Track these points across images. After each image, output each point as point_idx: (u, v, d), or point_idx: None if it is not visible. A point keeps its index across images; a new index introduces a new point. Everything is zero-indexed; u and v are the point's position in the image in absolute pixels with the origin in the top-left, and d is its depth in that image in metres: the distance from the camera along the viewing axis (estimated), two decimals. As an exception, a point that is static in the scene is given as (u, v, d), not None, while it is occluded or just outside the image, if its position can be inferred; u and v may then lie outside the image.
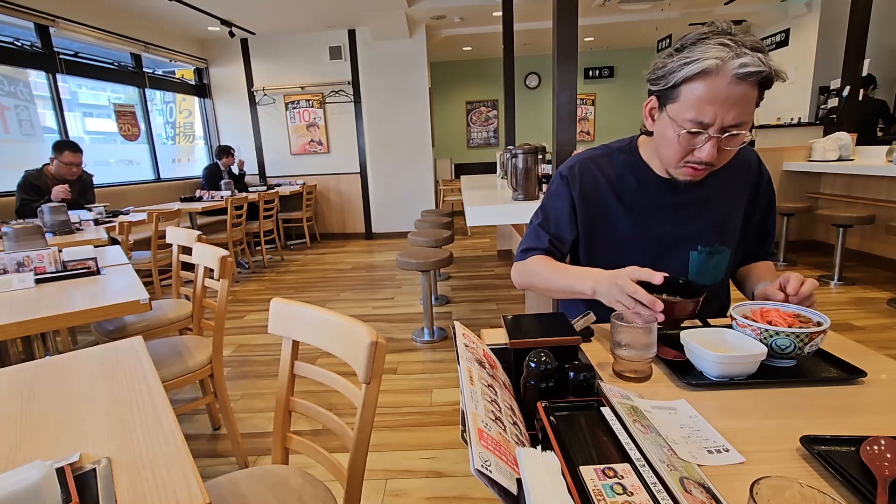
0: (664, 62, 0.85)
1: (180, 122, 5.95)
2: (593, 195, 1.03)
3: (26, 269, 1.56)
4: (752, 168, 1.03)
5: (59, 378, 0.86)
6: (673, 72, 0.82)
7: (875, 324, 2.76)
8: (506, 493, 0.44)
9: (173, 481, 0.57)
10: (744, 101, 0.79)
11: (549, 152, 2.62)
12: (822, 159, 3.85)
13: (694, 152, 0.85)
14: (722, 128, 0.81)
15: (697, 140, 0.84)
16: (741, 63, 0.76)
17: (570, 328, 0.73)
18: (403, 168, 6.05)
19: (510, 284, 3.86)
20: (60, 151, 3.16)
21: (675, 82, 0.82)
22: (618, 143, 1.07)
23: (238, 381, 2.41)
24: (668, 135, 0.87)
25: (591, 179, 1.04)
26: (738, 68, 0.76)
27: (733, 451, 0.56)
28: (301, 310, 0.93)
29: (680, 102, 0.83)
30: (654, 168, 1.00)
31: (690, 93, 0.81)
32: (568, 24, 1.83)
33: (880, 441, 0.52)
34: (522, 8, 4.77)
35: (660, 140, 0.91)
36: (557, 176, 1.08)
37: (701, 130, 0.82)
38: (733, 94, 0.78)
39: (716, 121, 0.80)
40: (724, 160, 0.87)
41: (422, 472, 1.67)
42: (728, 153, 0.86)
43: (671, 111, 0.85)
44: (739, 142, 0.83)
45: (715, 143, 0.82)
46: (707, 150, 0.83)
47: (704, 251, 1.01)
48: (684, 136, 0.84)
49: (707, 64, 0.77)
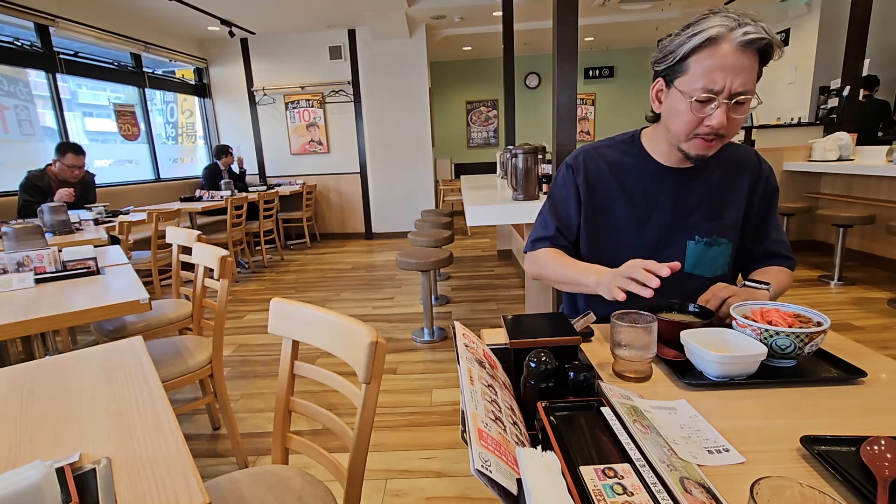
0: (670, 40, 0.90)
1: (182, 123, 5.95)
2: (597, 182, 1.07)
3: (26, 269, 1.56)
4: (751, 164, 1.06)
5: (59, 378, 0.86)
6: (681, 44, 0.87)
7: (875, 324, 2.76)
8: (506, 493, 0.44)
9: (173, 481, 0.57)
10: (749, 69, 0.83)
11: (549, 152, 2.62)
12: (822, 159, 3.85)
13: (704, 121, 0.88)
14: (730, 94, 0.84)
15: (708, 108, 0.87)
16: (744, 31, 0.81)
17: (570, 328, 0.73)
18: (403, 168, 6.05)
19: (510, 284, 3.86)
20: (63, 153, 3.16)
21: (682, 55, 0.87)
22: (621, 136, 1.11)
23: (238, 381, 2.41)
24: (679, 107, 0.90)
25: (594, 167, 1.08)
26: (741, 36, 0.81)
27: (733, 451, 0.56)
28: (301, 310, 0.93)
29: (689, 74, 0.87)
30: (655, 157, 1.04)
31: (698, 63, 0.85)
32: (568, 24, 1.83)
33: (880, 441, 0.52)
34: (522, 8, 4.77)
35: (669, 117, 0.94)
36: (563, 166, 1.12)
37: (712, 96, 0.85)
38: (739, 61, 0.82)
39: (725, 87, 0.84)
40: (733, 131, 0.90)
41: (422, 472, 1.67)
42: (736, 123, 0.89)
43: (680, 84, 0.89)
44: (746, 110, 0.87)
45: (725, 110, 0.85)
46: (718, 116, 0.86)
47: (702, 241, 1.03)
48: (695, 105, 0.87)
49: (713, 32, 0.82)
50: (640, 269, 0.78)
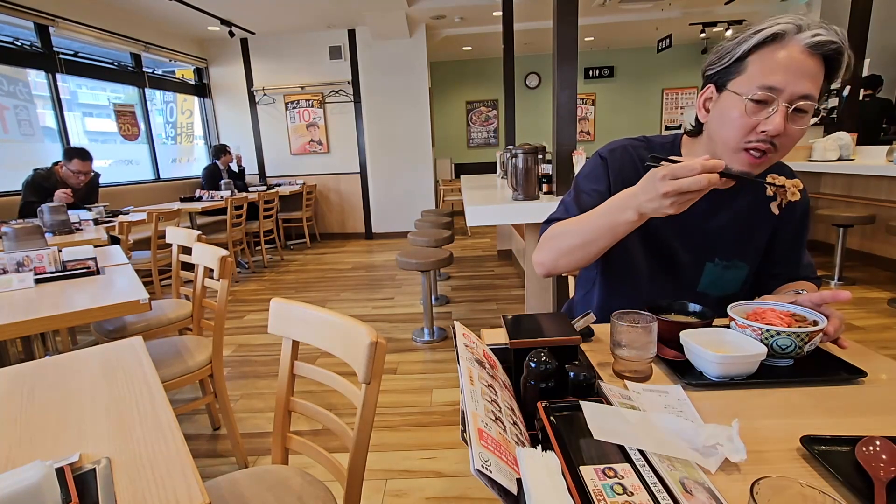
0: (729, 42, 0.82)
1: (182, 123, 5.95)
2: (629, 181, 0.97)
3: (26, 269, 1.56)
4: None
5: (59, 378, 0.86)
6: (742, 42, 0.79)
7: (875, 324, 2.76)
8: (506, 493, 0.44)
9: (173, 481, 0.57)
10: (814, 74, 0.76)
11: (549, 152, 2.62)
12: (823, 159, 3.85)
13: (759, 126, 0.79)
14: (791, 97, 0.76)
15: (765, 111, 0.78)
16: (815, 32, 0.74)
17: (570, 328, 0.72)
18: (403, 168, 6.05)
19: (510, 284, 3.86)
20: (70, 159, 3.15)
21: (742, 52, 0.79)
22: (659, 139, 1.03)
23: (238, 381, 2.41)
24: (730, 113, 0.81)
25: (630, 165, 0.99)
26: (811, 37, 0.74)
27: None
28: (301, 310, 0.93)
29: (747, 74, 0.79)
30: None
31: (760, 60, 0.78)
32: (568, 24, 1.83)
33: (875, 441, 0.52)
34: (522, 8, 4.77)
35: (717, 124, 0.85)
36: (596, 157, 1.03)
37: (771, 97, 0.77)
38: (805, 63, 0.75)
39: (786, 87, 0.75)
40: (786, 144, 0.81)
41: (422, 472, 1.67)
42: (792, 135, 0.79)
43: (735, 86, 0.81)
44: (806, 122, 0.79)
45: (783, 114, 0.76)
46: (775, 120, 0.76)
47: (721, 264, 0.98)
48: (750, 106, 0.78)
49: (779, 28, 0.75)
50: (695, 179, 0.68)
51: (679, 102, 8.25)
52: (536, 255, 0.99)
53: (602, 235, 0.87)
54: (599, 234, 0.87)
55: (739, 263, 0.99)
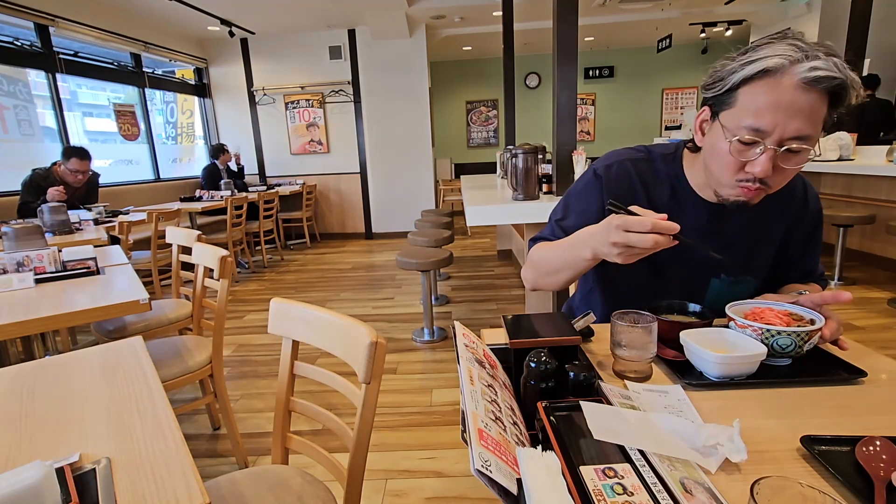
0: (724, 64, 0.77)
1: (183, 123, 5.95)
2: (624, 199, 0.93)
3: (26, 269, 1.56)
4: (796, 195, 0.94)
5: (59, 378, 0.86)
6: (733, 72, 0.74)
7: (875, 324, 2.76)
8: (506, 494, 0.44)
9: (173, 481, 0.57)
10: (810, 112, 0.69)
11: (549, 152, 2.62)
12: (823, 159, 3.85)
13: (746, 167, 0.76)
14: (781, 140, 0.71)
15: (751, 152, 0.74)
16: (812, 66, 0.67)
17: (570, 328, 0.72)
18: (403, 168, 6.05)
19: (510, 284, 3.86)
20: (68, 158, 3.15)
21: (733, 84, 0.74)
22: (661, 149, 0.98)
23: (238, 381, 2.41)
24: (720, 146, 0.78)
25: (627, 184, 0.94)
26: (807, 71, 0.67)
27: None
28: (301, 310, 0.93)
29: (737, 108, 0.74)
30: (693, 186, 0.92)
31: (749, 95, 0.72)
32: (568, 24, 1.83)
33: (875, 441, 0.52)
34: (522, 8, 4.78)
35: (709, 154, 0.82)
36: (591, 172, 0.99)
37: (757, 140, 0.72)
38: (798, 101, 0.69)
39: (775, 130, 0.71)
40: (780, 182, 0.77)
41: (422, 472, 1.67)
42: (786, 174, 0.76)
43: (725, 118, 0.76)
44: (800, 161, 0.73)
45: (771, 157, 0.72)
46: (761, 163, 0.73)
47: (727, 280, 0.95)
48: (736, 146, 0.74)
49: (772, 63, 0.69)
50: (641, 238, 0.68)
51: (679, 102, 8.25)
52: (524, 272, 1.02)
53: (566, 267, 0.88)
54: (564, 266, 0.88)
55: (746, 279, 0.96)
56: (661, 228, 0.68)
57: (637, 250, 0.70)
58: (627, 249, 0.71)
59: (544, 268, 0.95)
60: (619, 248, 0.71)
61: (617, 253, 0.72)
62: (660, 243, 0.68)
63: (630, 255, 0.72)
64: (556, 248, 0.91)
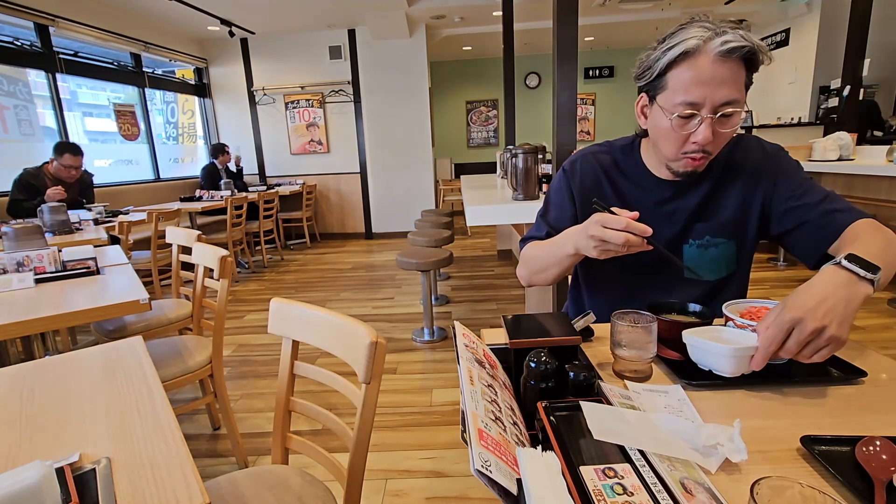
0: (648, 54, 0.87)
1: (184, 123, 5.95)
2: (592, 190, 1.04)
3: (26, 269, 1.56)
4: (749, 156, 0.98)
5: (59, 378, 0.86)
6: (657, 59, 0.84)
7: (875, 324, 2.76)
8: (506, 494, 0.44)
9: (173, 481, 0.57)
10: (732, 79, 0.79)
11: (549, 152, 2.62)
12: (823, 159, 3.85)
13: (690, 138, 0.85)
14: (713, 107, 0.81)
15: (691, 124, 0.83)
16: (723, 40, 0.77)
17: (570, 328, 0.72)
18: (403, 168, 6.05)
19: (510, 284, 3.86)
20: (61, 153, 3.15)
21: (660, 70, 0.84)
22: (621, 141, 1.08)
23: (238, 381, 2.41)
24: (663, 125, 0.87)
25: (591, 174, 1.05)
26: (720, 45, 0.77)
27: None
28: (301, 310, 0.93)
29: (669, 90, 0.84)
30: (651, 168, 1.01)
31: (677, 77, 0.82)
32: (568, 24, 1.83)
33: (875, 441, 0.52)
34: (522, 8, 4.77)
35: (656, 134, 0.92)
36: (560, 170, 1.10)
37: (693, 112, 0.82)
38: (719, 72, 0.78)
39: (706, 100, 0.80)
40: (720, 144, 0.87)
41: (422, 472, 1.67)
42: (724, 136, 0.85)
43: (661, 100, 0.86)
44: (734, 123, 0.83)
45: (709, 125, 0.82)
46: (702, 132, 0.82)
47: (695, 244, 1.00)
48: (677, 122, 0.84)
49: (689, 44, 0.79)
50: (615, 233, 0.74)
51: (679, 102, 8.24)
52: (518, 269, 1.09)
53: (553, 264, 0.96)
54: (551, 263, 0.96)
55: (717, 240, 0.98)
56: (633, 228, 0.74)
57: (611, 246, 0.77)
58: (602, 244, 0.78)
59: (534, 265, 1.02)
60: (594, 241, 0.78)
61: (593, 246, 0.79)
62: (631, 242, 0.75)
63: (604, 251, 0.79)
64: (544, 246, 0.99)
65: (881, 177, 3.51)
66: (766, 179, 0.97)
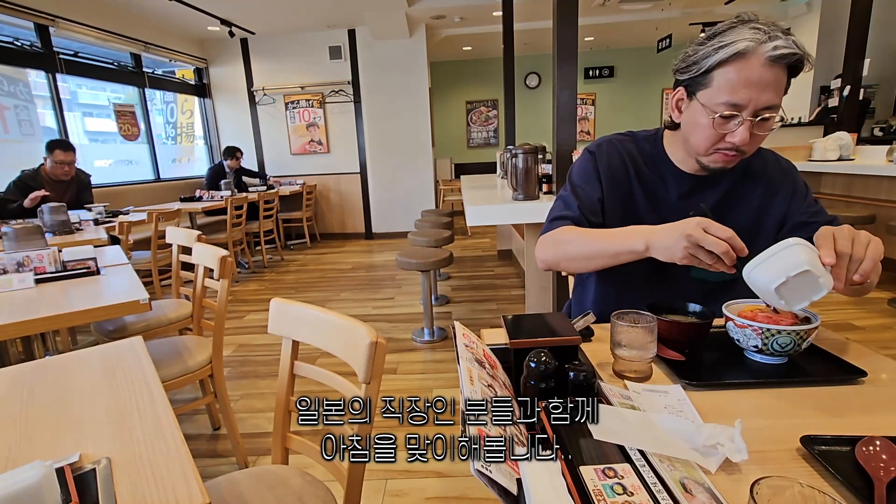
0: (695, 49, 0.86)
1: (183, 123, 5.95)
2: (619, 175, 1.03)
3: (26, 269, 1.56)
4: (768, 170, 1.01)
5: (59, 378, 0.86)
6: (706, 56, 0.83)
7: (875, 324, 2.76)
8: (506, 493, 0.44)
9: (173, 481, 0.57)
10: (776, 84, 0.81)
11: (549, 152, 2.62)
12: (823, 159, 3.85)
13: (726, 137, 0.86)
14: (755, 111, 0.82)
15: (731, 124, 0.84)
16: (775, 45, 0.77)
17: (570, 328, 0.73)
18: (403, 168, 6.05)
19: (510, 284, 3.86)
20: (51, 150, 3.14)
21: (707, 67, 0.83)
22: (643, 133, 1.07)
23: (238, 381, 2.41)
24: (701, 121, 0.87)
25: (618, 159, 1.04)
26: (771, 50, 0.77)
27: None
28: (301, 310, 0.93)
29: (713, 87, 0.84)
30: (674, 161, 1.01)
31: (724, 76, 0.82)
32: (568, 24, 1.83)
33: (875, 441, 0.52)
34: (522, 8, 4.77)
35: (689, 129, 0.91)
36: (585, 152, 1.08)
37: (735, 113, 0.82)
38: (766, 76, 0.79)
39: (750, 103, 0.81)
40: (754, 147, 0.88)
41: (422, 472, 1.66)
42: (759, 139, 0.87)
43: (703, 97, 0.86)
44: (770, 126, 0.84)
45: (748, 127, 0.82)
46: (741, 133, 0.83)
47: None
48: (718, 121, 0.84)
49: (742, 46, 0.79)
50: (717, 241, 0.71)
51: (679, 102, 8.24)
52: (540, 252, 1.02)
53: (605, 255, 0.91)
54: (602, 254, 0.91)
55: None
56: (736, 242, 0.71)
57: (703, 252, 0.73)
58: (695, 248, 0.74)
59: (572, 251, 0.96)
60: (690, 241, 0.73)
61: (684, 247, 0.74)
62: (729, 255, 0.71)
63: (692, 256, 0.75)
64: (595, 235, 0.93)
65: (881, 177, 3.51)
66: (783, 193, 1.00)
